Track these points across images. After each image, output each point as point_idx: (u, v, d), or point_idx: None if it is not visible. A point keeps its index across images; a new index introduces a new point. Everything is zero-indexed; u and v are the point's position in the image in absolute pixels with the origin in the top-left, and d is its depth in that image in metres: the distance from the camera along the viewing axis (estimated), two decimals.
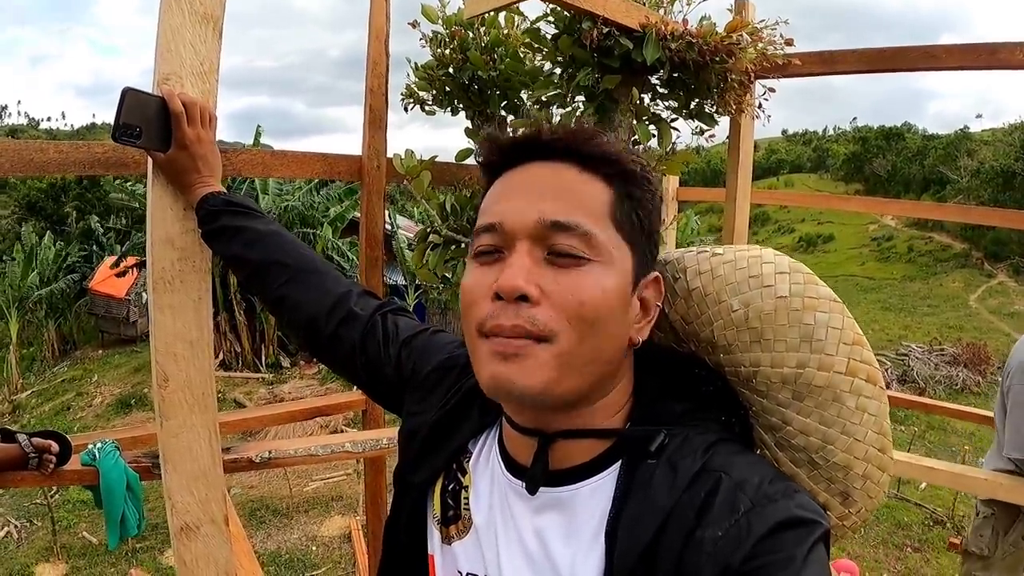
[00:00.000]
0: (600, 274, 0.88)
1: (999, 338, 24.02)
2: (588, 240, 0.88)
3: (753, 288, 0.96)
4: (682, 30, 2.57)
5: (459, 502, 1.04)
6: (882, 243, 55.31)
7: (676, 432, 0.92)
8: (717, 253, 1.02)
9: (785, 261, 0.99)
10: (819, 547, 0.81)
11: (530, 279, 0.86)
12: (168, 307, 1.61)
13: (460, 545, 1.02)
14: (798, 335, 0.93)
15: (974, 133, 70.83)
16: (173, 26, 1.55)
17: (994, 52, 2.99)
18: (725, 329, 0.98)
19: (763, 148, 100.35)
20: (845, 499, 0.98)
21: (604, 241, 0.89)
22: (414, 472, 1.11)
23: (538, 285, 0.86)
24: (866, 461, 0.95)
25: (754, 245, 1.04)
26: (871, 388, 0.95)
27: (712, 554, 0.79)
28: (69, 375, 24.27)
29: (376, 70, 3.05)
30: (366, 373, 1.32)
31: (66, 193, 42.03)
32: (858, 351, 0.94)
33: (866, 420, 0.94)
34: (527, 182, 0.93)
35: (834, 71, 3.33)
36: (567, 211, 0.88)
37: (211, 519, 1.71)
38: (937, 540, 8.05)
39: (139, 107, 1.50)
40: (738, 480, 0.85)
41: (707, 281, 1.00)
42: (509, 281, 0.86)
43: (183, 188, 1.61)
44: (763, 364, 0.95)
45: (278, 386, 19.44)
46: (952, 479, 3.19)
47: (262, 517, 9.76)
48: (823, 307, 0.94)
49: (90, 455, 2.20)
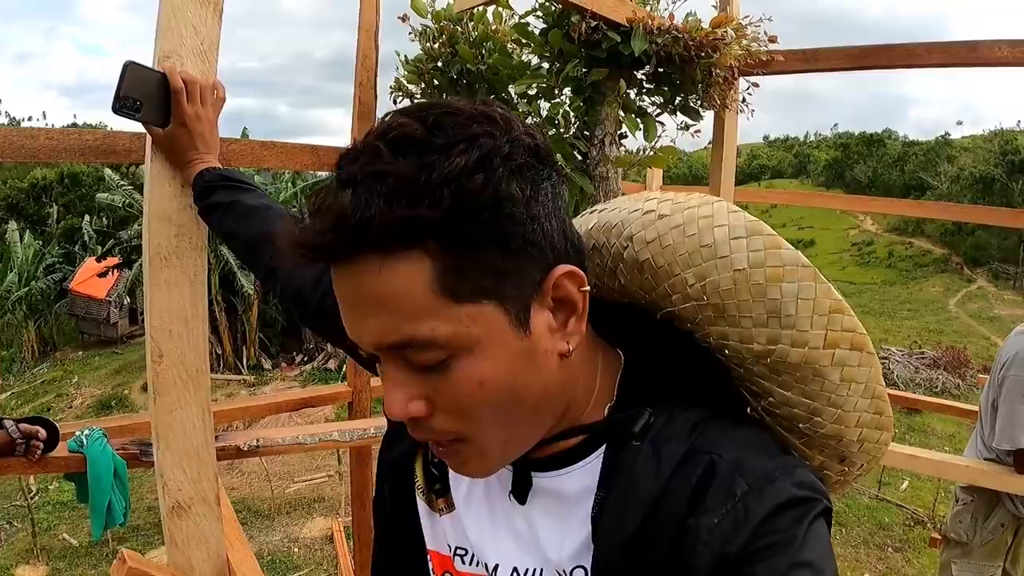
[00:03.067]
0: (467, 366, 0.74)
1: (979, 341, 24.25)
2: (432, 345, 0.73)
3: (707, 259, 0.83)
4: (668, 25, 2.61)
5: (445, 473, 1.00)
6: (863, 248, 55.77)
7: (661, 412, 0.84)
8: (664, 215, 0.88)
9: (741, 221, 0.84)
10: (819, 523, 0.76)
11: (411, 397, 0.77)
12: (164, 283, 1.61)
13: (448, 519, 0.99)
14: (764, 310, 0.82)
15: (954, 139, 71.45)
16: (175, 5, 1.56)
17: (974, 49, 3.04)
18: (684, 302, 0.86)
19: (745, 153, 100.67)
20: (843, 461, 0.93)
21: (450, 331, 0.72)
22: (394, 447, 1.08)
23: (424, 398, 0.77)
24: (860, 427, 0.89)
25: (706, 198, 0.90)
26: (857, 356, 0.85)
27: (708, 542, 0.74)
28: (49, 376, 24.14)
29: (365, 63, 3.07)
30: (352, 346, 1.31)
31: (48, 193, 41.75)
32: (837, 320, 0.83)
33: (855, 389, 0.86)
34: (344, 297, 0.77)
35: (817, 68, 3.37)
36: (391, 329, 0.73)
37: (203, 498, 1.72)
38: (918, 540, 8.13)
39: (140, 81, 1.51)
40: (732, 460, 0.79)
41: (656, 251, 0.86)
42: (391, 414, 0.78)
43: (180, 165, 1.62)
44: (731, 339, 0.85)
45: (259, 388, 19.44)
46: (934, 466, 3.24)
47: (244, 519, 9.74)
48: (789, 276, 0.82)
49: (77, 442, 2.19)
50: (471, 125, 0.71)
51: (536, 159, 0.75)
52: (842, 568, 7.35)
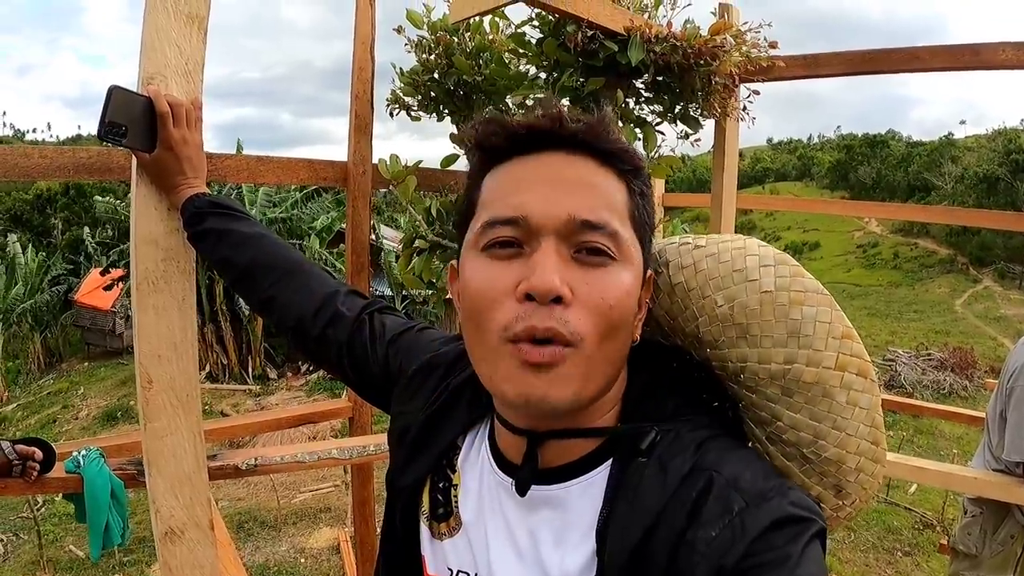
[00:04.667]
0: (624, 274, 0.85)
1: (985, 342, 24.18)
2: (615, 239, 0.84)
3: (737, 283, 0.93)
4: (666, 33, 2.58)
5: (449, 499, 1.02)
6: (868, 250, 55.79)
7: (667, 428, 0.90)
8: (700, 246, 0.98)
9: (770, 253, 0.95)
10: (814, 544, 0.79)
11: (564, 279, 0.81)
12: (152, 308, 1.60)
13: (450, 543, 1.01)
14: (785, 330, 0.90)
15: (958, 139, 71.59)
16: (158, 25, 1.55)
17: (977, 52, 3.02)
18: (710, 325, 0.94)
19: (748, 157, 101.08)
20: (839, 492, 0.96)
21: (627, 240, 0.86)
22: (404, 474, 1.09)
23: (569, 285, 0.82)
24: (859, 455, 0.93)
25: (738, 236, 1.00)
26: (862, 382, 0.92)
27: (705, 555, 0.77)
28: (55, 387, 24.16)
29: (362, 76, 3.06)
30: (354, 372, 1.31)
31: (52, 205, 41.88)
32: (847, 345, 0.92)
33: (857, 414, 0.92)
34: (549, 174, 0.87)
35: (818, 74, 3.35)
36: (596, 208, 0.84)
37: (196, 523, 1.70)
38: (927, 544, 8.07)
39: (125, 106, 1.49)
40: (730, 478, 0.83)
41: (690, 275, 0.96)
42: (546, 282, 0.80)
43: (168, 189, 1.61)
44: (750, 360, 0.92)
45: (265, 398, 19.40)
46: (941, 478, 3.20)
47: (250, 529, 9.72)
48: (810, 301, 0.91)
49: (74, 462, 2.18)
50: None
51: None
52: (852, 573, 7.32)
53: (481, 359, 0.88)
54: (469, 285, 0.88)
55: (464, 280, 0.90)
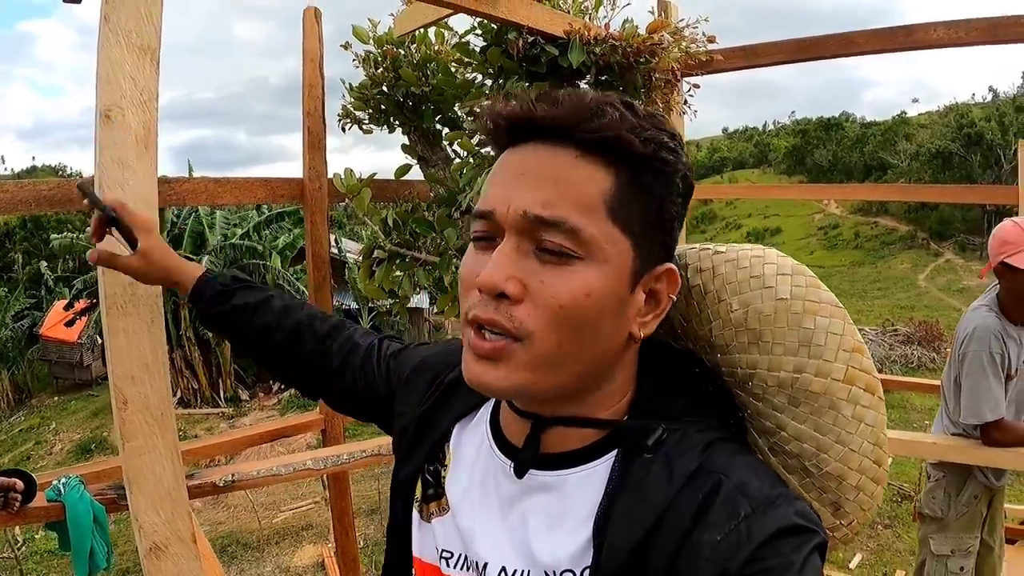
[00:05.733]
0: (588, 274, 0.81)
1: (950, 314, 24.49)
2: (575, 236, 0.81)
3: (754, 288, 0.93)
4: (604, 34, 2.65)
5: (439, 481, 1.04)
6: (829, 231, 56.28)
7: (675, 427, 0.89)
8: (719, 251, 0.98)
9: (788, 263, 0.95)
10: (815, 556, 0.79)
11: (512, 275, 0.81)
12: (123, 331, 1.63)
13: (439, 522, 1.02)
14: (797, 339, 0.90)
15: (911, 118, 72.35)
16: (112, 58, 1.59)
17: (910, 33, 3.11)
18: (723, 329, 0.94)
19: (705, 147, 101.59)
20: (836, 510, 0.95)
21: (595, 236, 0.81)
22: (402, 469, 1.11)
23: (521, 281, 0.81)
24: (860, 472, 0.93)
25: (757, 245, 1.00)
26: (869, 397, 0.92)
27: (710, 558, 0.77)
28: (26, 424, 23.82)
29: (312, 92, 3.10)
30: (365, 392, 1.32)
31: (11, 239, 41.26)
32: (857, 359, 0.91)
33: (862, 430, 0.92)
34: (519, 167, 0.85)
35: (757, 64, 3.43)
36: (553, 205, 0.81)
37: (179, 537, 1.74)
38: (906, 515, 8.19)
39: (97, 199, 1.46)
40: (738, 483, 0.82)
41: (707, 279, 0.96)
42: (487, 278, 0.81)
43: (169, 273, 1.51)
44: (760, 367, 0.92)
45: (239, 419, 19.29)
46: (903, 447, 3.29)
47: (233, 552, 9.69)
48: (824, 312, 0.91)
49: (55, 491, 2.20)
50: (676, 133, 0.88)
51: (690, 187, 0.91)
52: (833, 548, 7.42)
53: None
54: (459, 270, 0.90)
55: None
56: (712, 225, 66.69)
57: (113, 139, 1.61)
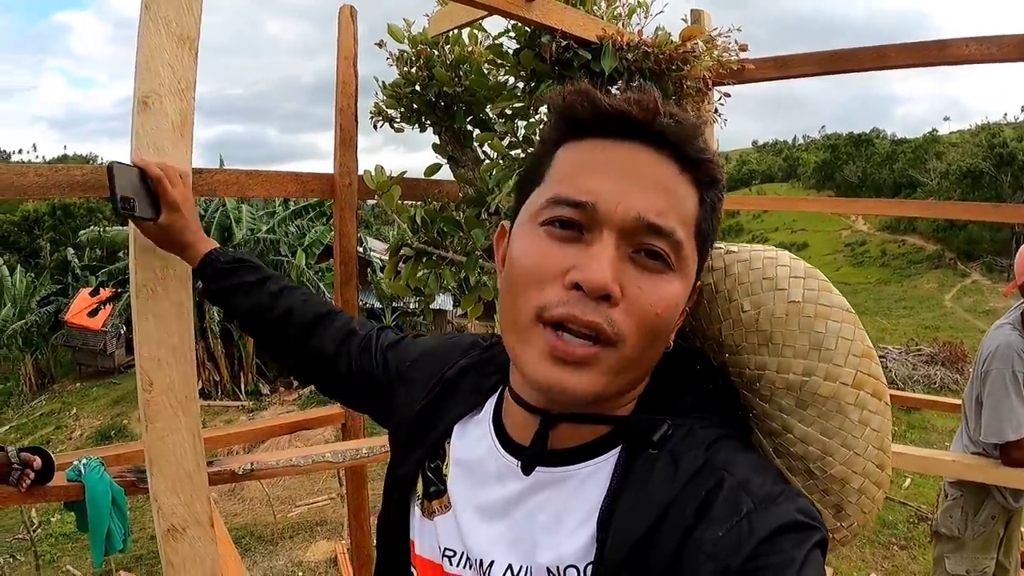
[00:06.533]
0: (677, 286, 0.84)
1: (975, 336, 24.15)
2: (679, 249, 0.83)
3: (766, 290, 0.93)
4: (637, 40, 2.66)
5: (441, 478, 1.03)
6: (856, 248, 55.87)
7: (681, 424, 0.89)
8: (732, 251, 0.98)
9: (801, 266, 0.96)
10: (816, 552, 0.79)
11: (617, 278, 0.80)
12: (152, 314, 1.67)
13: (441, 520, 1.01)
14: (807, 342, 0.91)
15: (942, 136, 71.59)
16: (151, 46, 1.62)
17: (944, 48, 3.08)
18: (733, 329, 0.95)
19: (735, 159, 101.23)
20: (838, 512, 0.96)
21: (688, 252, 0.85)
22: (402, 464, 1.10)
23: (620, 284, 0.81)
24: (863, 476, 0.93)
25: (770, 247, 1.00)
26: (876, 403, 0.92)
27: (712, 555, 0.77)
28: (47, 409, 24.06)
29: (345, 90, 3.13)
30: (360, 381, 1.33)
31: (40, 226, 41.70)
32: (866, 364, 0.92)
33: (868, 435, 0.92)
34: (628, 167, 0.84)
35: (788, 75, 3.42)
36: (666, 214, 0.82)
37: (197, 520, 1.76)
38: (922, 537, 8.09)
39: (127, 179, 1.53)
40: (741, 479, 0.82)
41: (719, 279, 0.97)
42: (600, 278, 0.79)
43: (181, 248, 1.62)
44: (769, 368, 0.93)
45: (258, 413, 19.38)
46: (921, 463, 3.27)
47: (247, 544, 9.72)
48: (835, 316, 0.92)
49: (75, 471, 2.23)
50: None
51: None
52: (848, 568, 7.33)
53: (511, 330, 0.87)
54: (519, 256, 0.87)
55: (514, 248, 0.89)
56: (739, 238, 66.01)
57: (150, 125, 1.64)
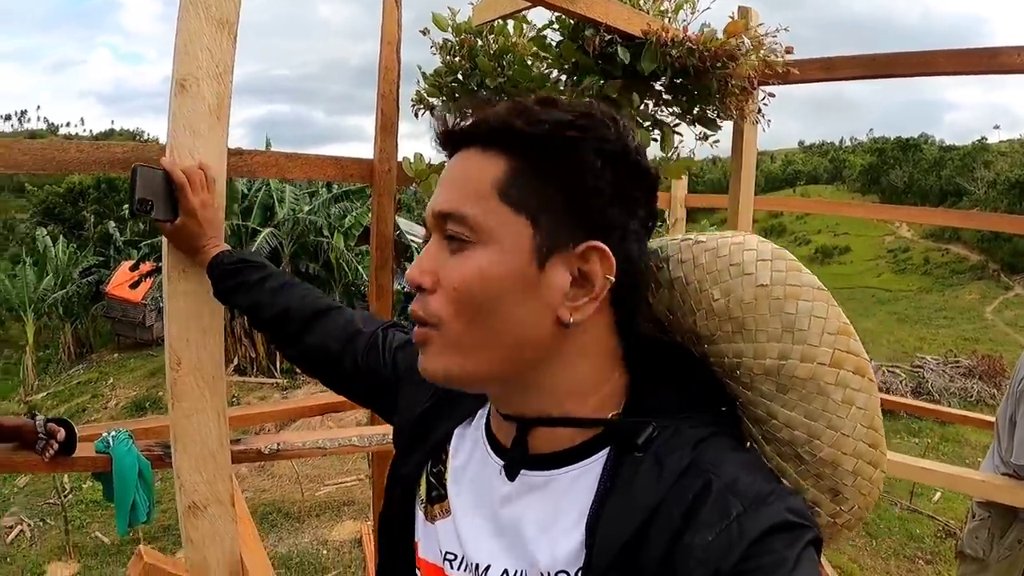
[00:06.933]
0: (480, 256, 0.86)
1: (1015, 350, 23.76)
2: (465, 222, 0.87)
3: (734, 276, 0.92)
4: (682, 37, 2.63)
5: (442, 483, 1.04)
6: (898, 255, 55.13)
7: (667, 424, 0.88)
8: (699, 241, 0.97)
9: (768, 248, 0.94)
10: (809, 551, 0.78)
11: (427, 269, 0.89)
12: (183, 294, 1.70)
13: (442, 524, 1.02)
14: (780, 325, 0.89)
15: (991, 144, 70.27)
16: (190, 29, 1.64)
17: (994, 56, 3.02)
18: (707, 319, 0.93)
19: (780, 159, 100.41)
20: (835, 496, 0.94)
21: (485, 220, 0.86)
22: (404, 463, 1.12)
23: (435, 273, 0.89)
24: (855, 456, 0.92)
25: (739, 232, 0.99)
26: (859, 380, 0.90)
27: (702, 559, 0.76)
28: (85, 377, 24.44)
29: (388, 76, 3.12)
30: (368, 379, 1.35)
31: (84, 198, 42.31)
32: (843, 341, 0.90)
33: (854, 414, 0.90)
34: (445, 175, 0.94)
35: (833, 77, 3.38)
36: (449, 198, 0.89)
37: (218, 499, 1.79)
38: (949, 552, 7.98)
39: (149, 181, 1.62)
40: (729, 481, 0.82)
41: (688, 270, 0.95)
42: (408, 276, 0.90)
43: (193, 252, 1.70)
44: (745, 356, 0.91)
45: (292, 391, 19.54)
46: (949, 480, 3.21)
47: (274, 521, 9.82)
48: (806, 295, 0.90)
49: (104, 443, 2.26)
50: (595, 111, 0.90)
51: (634, 167, 0.91)
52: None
53: None
54: None
55: None
56: (780, 239, 65.70)
57: (187, 108, 1.66)
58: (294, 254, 22.29)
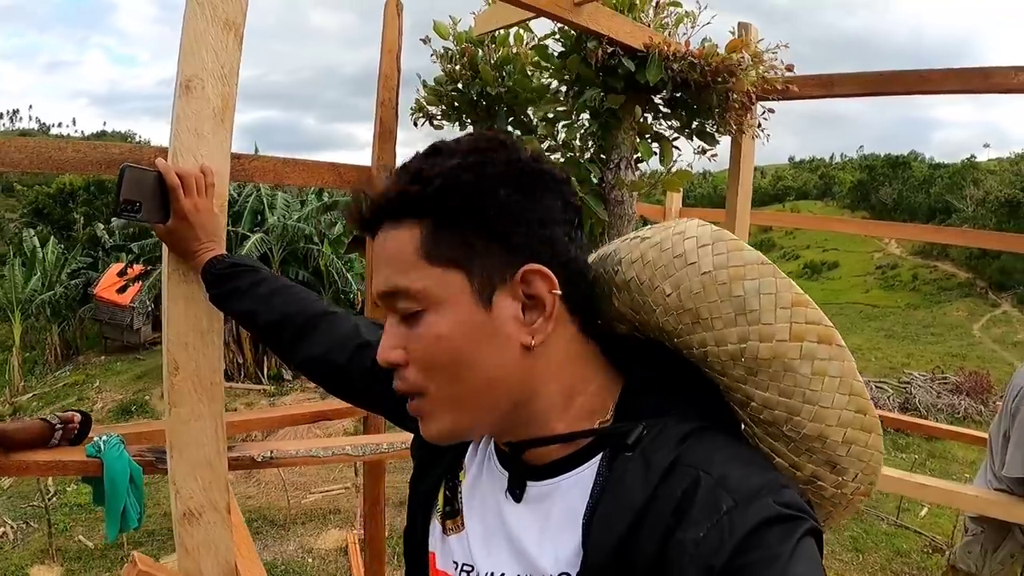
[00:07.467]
0: (432, 320, 0.89)
1: (1002, 367, 23.95)
2: (408, 295, 0.89)
3: (679, 268, 0.91)
4: (684, 51, 2.63)
5: (456, 497, 1.06)
6: (887, 271, 55.27)
7: (656, 423, 0.89)
8: (645, 237, 0.97)
9: (707, 232, 0.92)
10: (807, 541, 0.77)
11: (395, 346, 0.92)
12: (182, 298, 1.68)
13: (456, 538, 1.03)
14: (731, 309, 0.88)
15: (981, 162, 70.55)
16: (196, 30, 1.63)
17: (989, 76, 3.05)
18: (666, 315, 0.92)
19: (770, 175, 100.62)
20: (834, 468, 0.93)
21: (422, 286, 0.89)
22: (423, 479, 1.14)
23: (401, 348, 0.92)
24: (842, 426, 0.90)
25: (681, 220, 0.97)
26: (826, 349, 0.88)
27: (694, 556, 0.76)
28: (71, 379, 24.34)
29: (387, 83, 3.12)
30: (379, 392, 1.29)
31: (74, 199, 42.18)
32: (800, 312, 0.87)
33: (828, 384, 0.88)
34: (372, 259, 0.97)
35: (832, 94, 3.40)
36: (386, 278, 0.91)
37: (213, 506, 1.77)
38: (936, 568, 8.01)
39: (138, 183, 1.59)
40: (719, 477, 0.81)
41: (639, 269, 0.95)
42: (379, 356, 0.94)
43: (186, 255, 1.68)
44: (709, 344, 0.90)
45: (279, 398, 19.51)
46: (943, 495, 3.22)
47: (259, 528, 9.77)
48: (751, 273, 0.88)
49: (95, 447, 2.23)
50: (479, 143, 0.91)
51: (537, 178, 0.92)
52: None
53: None
54: None
55: None
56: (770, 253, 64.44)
57: (191, 109, 1.65)
58: (283, 260, 22.27)
